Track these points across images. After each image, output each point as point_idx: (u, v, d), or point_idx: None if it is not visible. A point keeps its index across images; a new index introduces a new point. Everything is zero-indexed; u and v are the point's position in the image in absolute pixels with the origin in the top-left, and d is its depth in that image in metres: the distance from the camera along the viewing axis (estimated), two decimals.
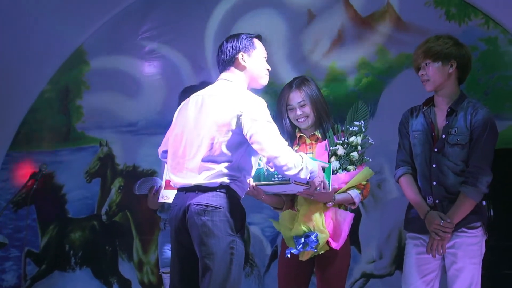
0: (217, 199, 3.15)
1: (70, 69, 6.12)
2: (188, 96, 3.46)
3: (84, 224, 5.96)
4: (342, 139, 3.70)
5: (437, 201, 3.51)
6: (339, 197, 3.66)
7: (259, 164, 3.45)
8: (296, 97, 3.78)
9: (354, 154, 3.68)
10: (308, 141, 3.80)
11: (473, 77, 4.97)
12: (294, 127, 3.83)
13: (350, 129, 3.71)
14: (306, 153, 3.63)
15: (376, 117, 5.10)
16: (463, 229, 3.47)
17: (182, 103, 3.44)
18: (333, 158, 3.69)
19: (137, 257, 5.77)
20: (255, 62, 3.41)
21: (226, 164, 3.18)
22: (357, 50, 5.32)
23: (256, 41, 3.43)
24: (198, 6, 5.74)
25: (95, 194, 5.94)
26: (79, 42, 6.05)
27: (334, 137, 3.73)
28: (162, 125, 5.66)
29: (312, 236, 3.55)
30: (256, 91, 5.49)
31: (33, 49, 5.89)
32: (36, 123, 6.20)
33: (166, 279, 4.18)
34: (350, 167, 3.68)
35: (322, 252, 3.59)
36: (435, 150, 3.53)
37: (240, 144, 3.21)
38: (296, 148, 3.76)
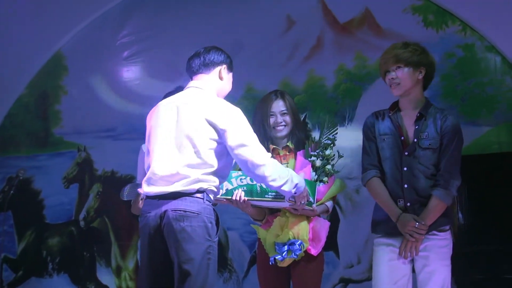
0: (195, 205, 3.16)
1: (48, 74, 6.08)
2: None
3: (62, 229, 5.93)
4: (317, 151, 3.78)
5: (408, 204, 3.56)
6: (318, 209, 3.77)
7: (252, 180, 3.51)
8: (280, 105, 3.87)
9: (329, 166, 3.79)
10: (281, 152, 3.86)
11: (451, 84, 5.02)
12: (267, 139, 3.88)
13: (323, 141, 3.80)
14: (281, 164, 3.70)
15: (354, 123, 5.13)
16: (434, 232, 3.53)
17: (150, 113, 3.45)
18: (311, 170, 3.78)
19: (115, 263, 5.74)
20: (229, 81, 3.50)
21: (204, 170, 3.19)
22: (336, 56, 5.34)
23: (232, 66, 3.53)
24: (177, 12, 5.74)
25: (73, 199, 5.91)
26: (57, 47, 6.03)
27: (309, 148, 3.81)
28: (140, 130, 5.61)
29: (296, 244, 3.62)
30: (235, 95, 5.54)
31: (11, 53, 5.86)
32: (14, 128, 6.16)
33: None
34: (325, 178, 3.78)
35: (299, 259, 3.66)
36: (406, 153, 3.58)
37: (221, 153, 3.23)
38: None
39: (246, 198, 3.55)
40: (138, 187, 4.01)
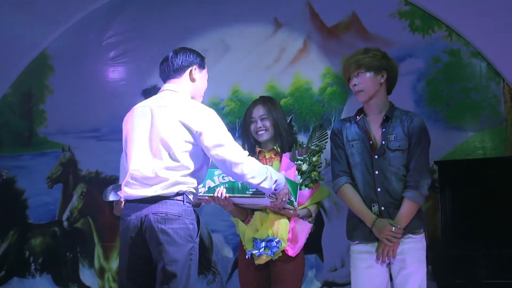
0: (176, 208, 3.20)
1: (33, 73, 6.05)
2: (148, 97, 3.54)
3: (45, 230, 5.89)
4: (304, 156, 3.82)
5: (382, 207, 3.60)
6: (301, 212, 3.84)
7: None
8: (259, 110, 3.96)
9: (315, 173, 3.85)
10: (267, 155, 3.92)
11: (436, 89, 5.05)
12: (254, 142, 3.96)
13: (311, 147, 3.85)
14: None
15: None
16: (409, 235, 3.58)
17: (126, 116, 3.48)
18: (296, 173, 3.81)
19: (99, 264, 5.72)
20: (203, 79, 3.54)
21: (182, 173, 3.23)
22: (322, 60, 5.35)
23: (205, 62, 3.56)
24: (163, 13, 5.73)
25: (56, 199, 5.87)
26: (43, 46, 5.99)
27: (296, 151, 3.85)
28: None
29: (274, 242, 3.65)
30: (222, 96, 5.53)
31: None
32: None
33: None
34: (310, 184, 3.82)
35: (276, 258, 3.68)
36: (376, 157, 3.61)
37: (198, 155, 3.26)
38: None
39: (227, 195, 3.59)
40: (121, 188, 4.02)
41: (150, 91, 4.17)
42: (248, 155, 3.33)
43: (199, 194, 3.60)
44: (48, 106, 6.01)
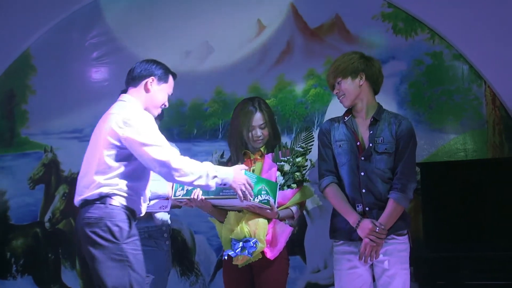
0: (97, 211, 3.27)
1: (15, 73, 6.01)
2: None
3: (27, 231, 5.85)
4: (287, 157, 3.82)
5: (367, 208, 3.61)
6: (282, 213, 3.80)
7: None
8: (259, 119, 3.91)
9: (298, 174, 3.80)
10: (252, 156, 3.91)
11: (419, 91, 5.08)
12: (241, 144, 3.93)
13: (296, 148, 3.84)
14: (250, 168, 3.75)
15: None
16: (393, 236, 3.60)
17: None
18: (278, 174, 3.80)
19: (80, 265, 5.69)
20: (159, 92, 3.53)
21: (106, 176, 3.30)
22: (306, 61, 5.36)
23: (170, 77, 3.57)
24: (147, 13, 5.72)
25: (38, 200, 5.84)
26: (25, 46, 5.95)
27: (279, 152, 3.84)
28: None
29: (251, 242, 3.63)
30: (206, 97, 5.53)
31: None
32: None
33: None
34: (293, 185, 3.81)
35: (255, 260, 3.67)
36: (362, 158, 3.63)
37: (125, 158, 3.30)
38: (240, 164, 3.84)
39: (203, 197, 3.59)
40: None
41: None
42: (179, 155, 3.32)
43: (178, 197, 3.64)
44: (30, 106, 5.98)
